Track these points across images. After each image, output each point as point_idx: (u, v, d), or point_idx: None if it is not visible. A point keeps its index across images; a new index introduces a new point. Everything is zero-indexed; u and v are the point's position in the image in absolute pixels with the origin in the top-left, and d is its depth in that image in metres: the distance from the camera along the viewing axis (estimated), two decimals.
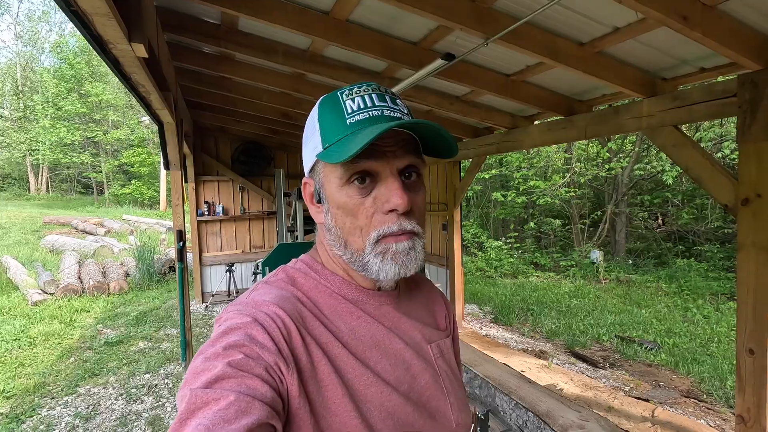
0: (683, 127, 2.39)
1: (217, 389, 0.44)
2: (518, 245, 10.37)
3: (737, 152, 2.12)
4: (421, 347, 0.65)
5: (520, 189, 10.28)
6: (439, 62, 2.34)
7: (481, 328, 5.31)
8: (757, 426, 2.01)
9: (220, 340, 0.49)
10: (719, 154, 7.42)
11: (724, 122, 7.70)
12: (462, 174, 4.92)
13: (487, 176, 11.45)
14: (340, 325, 0.58)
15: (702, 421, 3.08)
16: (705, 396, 3.54)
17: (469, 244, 10.72)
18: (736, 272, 2.10)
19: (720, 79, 2.26)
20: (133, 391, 3.56)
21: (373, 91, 0.58)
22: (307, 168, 0.63)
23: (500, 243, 9.99)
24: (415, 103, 3.52)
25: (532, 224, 10.79)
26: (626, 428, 2.60)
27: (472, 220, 12.03)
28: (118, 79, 2.33)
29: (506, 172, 11.28)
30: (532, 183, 9.92)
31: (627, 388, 3.62)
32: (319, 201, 0.61)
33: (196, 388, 0.44)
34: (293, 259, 0.66)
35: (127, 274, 7.74)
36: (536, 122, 3.60)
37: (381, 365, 0.58)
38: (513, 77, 2.90)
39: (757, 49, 1.88)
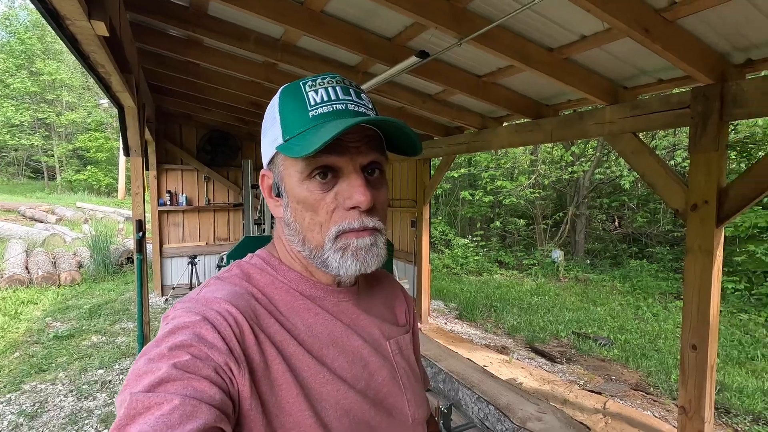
0: (641, 135, 2.52)
1: (161, 393, 0.42)
2: (484, 243, 10.61)
3: (688, 161, 2.25)
4: (379, 344, 0.64)
5: (488, 188, 10.51)
6: (413, 59, 2.35)
7: (446, 323, 5.41)
8: (697, 417, 2.16)
9: (166, 339, 0.47)
10: (672, 162, 7.87)
11: (677, 132, 8.17)
12: (432, 172, 4.97)
13: (456, 175, 11.63)
14: (297, 322, 0.57)
15: (648, 412, 3.28)
16: (651, 389, 3.76)
17: (436, 242, 10.87)
18: (683, 274, 2.24)
19: (675, 90, 2.39)
20: (84, 387, 3.39)
21: (337, 83, 0.56)
22: (265, 159, 0.61)
23: (467, 241, 10.19)
24: (388, 99, 3.52)
25: (497, 223, 11.07)
26: (580, 419, 2.73)
27: (440, 218, 12.20)
28: (74, 58, 2.19)
29: (475, 172, 11.51)
30: (499, 183, 10.17)
31: (581, 382, 3.79)
32: (278, 194, 0.59)
33: (137, 392, 0.42)
34: (249, 254, 0.64)
35: (80, 265, 7.34)
36: (505, 124, 3.69)
37: (338, 363, 0.57)
38: (484, 78, 2.96)
39: (710, 65, 2.00)
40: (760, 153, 7.13)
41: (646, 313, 6.01)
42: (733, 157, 7.64)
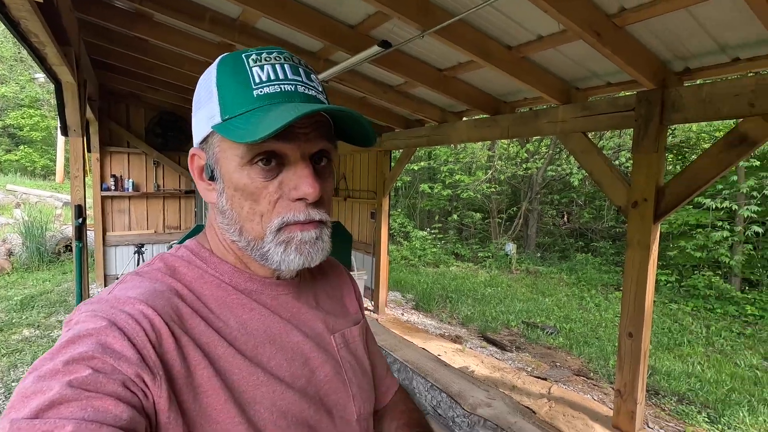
0: (590, 135, 2.65)
1: (50, 419, 0.36)
2: (441, 236, 10.83)
3: (631, 161, 2.40)
4: (322, 339, 0.61)
5: (446, 182, 10.72)
6: (375, 49, 2.32)
7: (402, 314, 5.48)
8: (630, 399, 2.33)
9: (62, 351, 0.41)
10: (617, 162, 8.37)
11: (621, 134, 8.68)
12: (392, 164, 4.99)
13: (416, 168, 11.75)
14: (229, 319, 0.53)
15: (588, 395, 3.50)
16: (592, 374, 4.02)
17: (395, 233, 10.96)
18: (623, 267, 2.39)
19: (622, 94, 2.53)
20: (14, 385, 3.13)
21: (285, 60, 0.52)
22: (197, 137, 0.55)
23: (425, 233, 10.36)
24: (349, 88, 3.48)
25: (455, 216, 11.33)
26: (527, 404, 2.87)
27: (399, 210, 12.30)
28: (3, 26, 1.98)
29: (434, 165, 11.68)
30: (457, 177, 10.39)
31: (529, 369, 3.99)
32: (212, 178, 0.54)
33: (20, 418, 0.36)
34: (176, 245, 0.59)
35: (10, 253, 6.75)
36: (464, 119, 3.76)
37: (275, 361, 0.54)
38: (445, 72, 2.98)
39: (653, 71, 2.13)
40: (693, 156, 7.74)
41: (589, 303, 6.40)
42: (670, 159, 8.24)
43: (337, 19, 2.55)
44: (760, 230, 6.49)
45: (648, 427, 3.01)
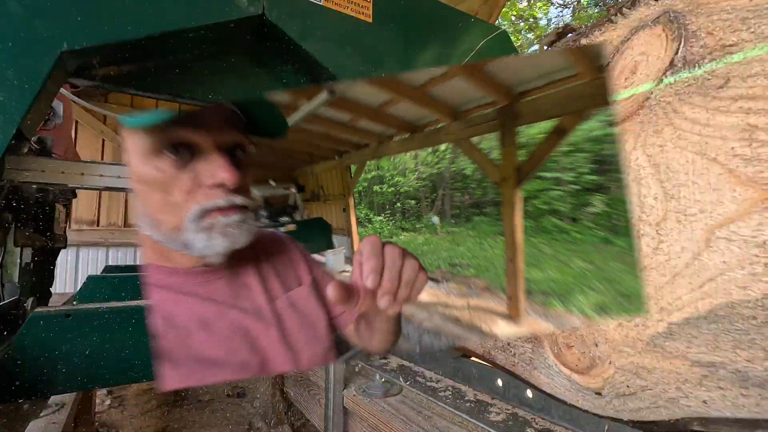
0: (474, 140, 2.70)
1: None
2: (392, 218, 10.95)
3: (500, 154, 2.49)
4: (264, 309, 0.44)
5: (390, 183, 10.82)
6: (324, 96, 2.20)
7: None
8: (516, 299, 2.44)
9: None
10: (492, 156, 8.77)
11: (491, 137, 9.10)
12: (351, 174, 4.93)
13: (369, 176, 11.74)
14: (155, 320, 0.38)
15: (492, 302, 3.67)
16: (492, 289, 4.22)
17: (362, 220, 10.92)
18: (502, 220, 2.49)
19: (489, 110, 2.59)
20: None
21: None
22: None
23: (381, 218, 10.42)
24: (313, 126, 3.32)
25: (398, 205, 11.46)
26: (455, 315, 2.95)
27: (363, 205, 12.28)
28: None
29: (381, 173, 11.75)
30: (396, 179, 10.50)
31: (454, 292, 4.11)
32: None
33: None
34: None
35: None
36: (394, 138, 3.73)
37: (208, 344, 0.39)
38: (378, 109, 2.92)
39: (505, 93, 2.18)
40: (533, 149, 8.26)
41: (485, 246, 6.72)
42: (523, 153, 8.75)
43: None
44: (576, 187, 7.11)
45: (528, 313, 3.20)
